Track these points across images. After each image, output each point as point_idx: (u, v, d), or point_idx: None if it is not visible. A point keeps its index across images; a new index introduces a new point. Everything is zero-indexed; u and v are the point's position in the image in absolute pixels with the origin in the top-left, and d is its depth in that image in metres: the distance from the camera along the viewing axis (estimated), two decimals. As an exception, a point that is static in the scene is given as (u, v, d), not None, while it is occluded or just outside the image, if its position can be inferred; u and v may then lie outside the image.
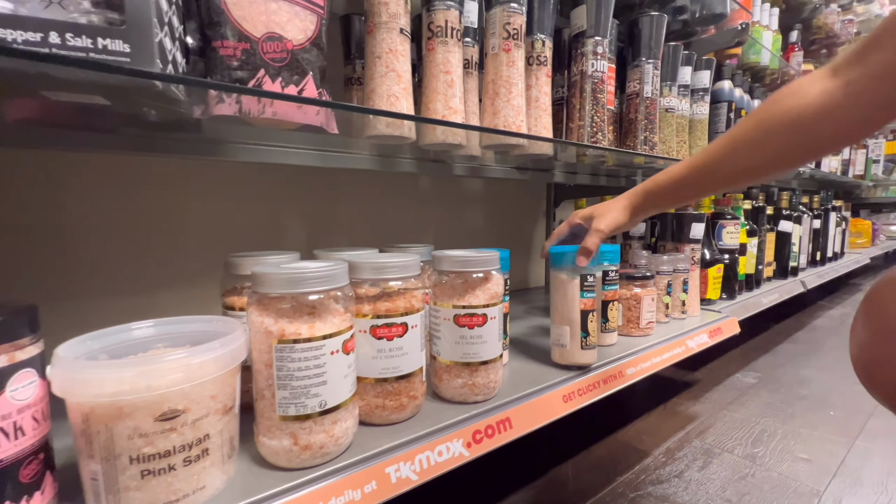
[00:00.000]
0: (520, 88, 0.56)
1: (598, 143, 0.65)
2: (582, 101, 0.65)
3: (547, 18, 0.62)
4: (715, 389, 1.04)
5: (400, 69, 0.49)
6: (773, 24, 1.25)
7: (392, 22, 0.48)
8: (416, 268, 0.50)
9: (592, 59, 0.64)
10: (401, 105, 0.49)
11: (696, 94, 0.94)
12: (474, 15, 0.65)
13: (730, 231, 1.16)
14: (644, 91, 0.74)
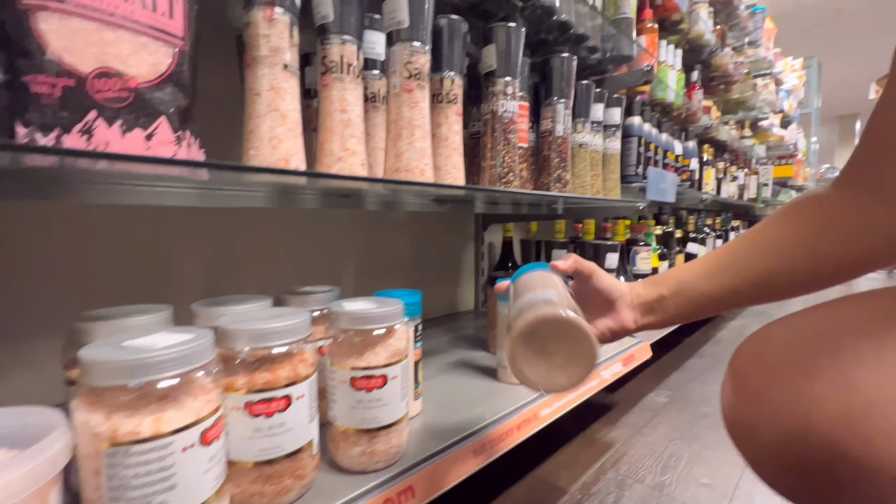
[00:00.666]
0: (424, 130, 0.53)
1: (510, 183, 0.64)
2: (493, 141, 0.64)
3: (456, 56, 0.60)
4: (631, 412, 1.08)
5: (284, 108, 0.44)
6: (677, 63, 1.36)
7: (274, 57, 0.43)
8: (305, 328, 0.45)
9: (503, 99, 0.63)
10: (284, 148, 0.44)
11: (609, 130, 0.97)
12: (381, 47, 0.61)
13: (643, 257, 1.23)
14: (556, 130, 0.75)
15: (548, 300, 0.35)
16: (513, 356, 0.34)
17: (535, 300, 0.36)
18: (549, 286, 0.39)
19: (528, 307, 0.35)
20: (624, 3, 0.95)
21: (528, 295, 0.38)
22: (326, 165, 0.50)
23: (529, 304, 0.35)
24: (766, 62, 2.40)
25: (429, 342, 1.01)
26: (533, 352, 0.33)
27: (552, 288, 0.38)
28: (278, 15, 0.43)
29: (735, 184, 2.11)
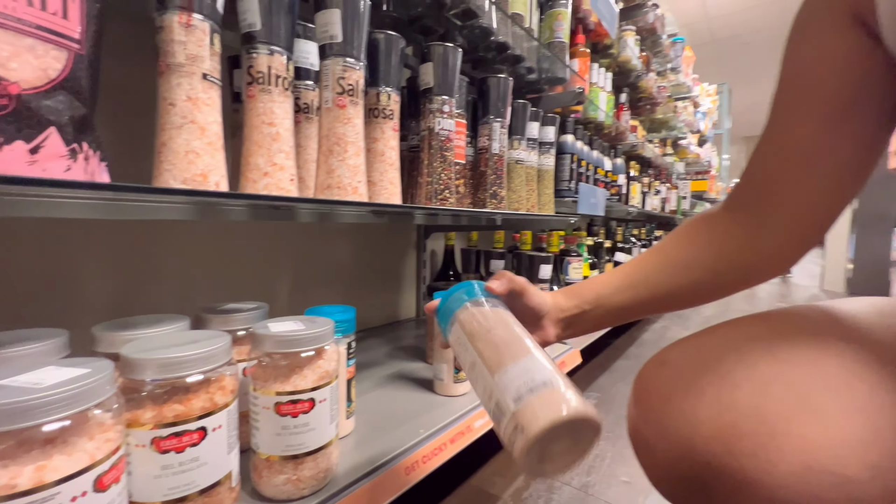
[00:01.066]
0: (358, 146, 0.53)
1: (446, 200, 0.65)
2: (430, 158, 0.65)
3: (393, 71, 0.60)
4: (562, 415, 1.13)
5: (203, 121, 0.41)
6: (607, 85, 1.45)
7: (192, 65, 0.40)
8: (224, 354, 0.42)
9: (440, 116, 0.64)
10: (202, 163, 0.41)
11: (544, 147, 1.02)
12: (315, 57, 0.60)
13: (575, 266, 1.30)
14: (492, 147, 0.77)
15: (548, 383, 0.30)
16: (524, 457, 0.29)
17: (533, 384, 0.30)
18: (520, 345, 0.34)
19: (527, 393, 0.29)
20: (558, 28, 1.00)
21: (509, 365, 0.32)
22: (252, 180, 0.47)
23: (529, 390, 0.29)
24: (685, 87, 2.64)
25: (366, 354, 0.99)
26: (541, 446, 0.29)
27: (533, 352, 0.33)
28: (197, 21, 0.41)
29: (658, 197, 2.30)
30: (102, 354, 0.45)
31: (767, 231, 0.38)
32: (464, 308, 0.39)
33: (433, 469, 0.60)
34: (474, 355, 0.34)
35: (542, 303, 0.43)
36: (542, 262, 1.05)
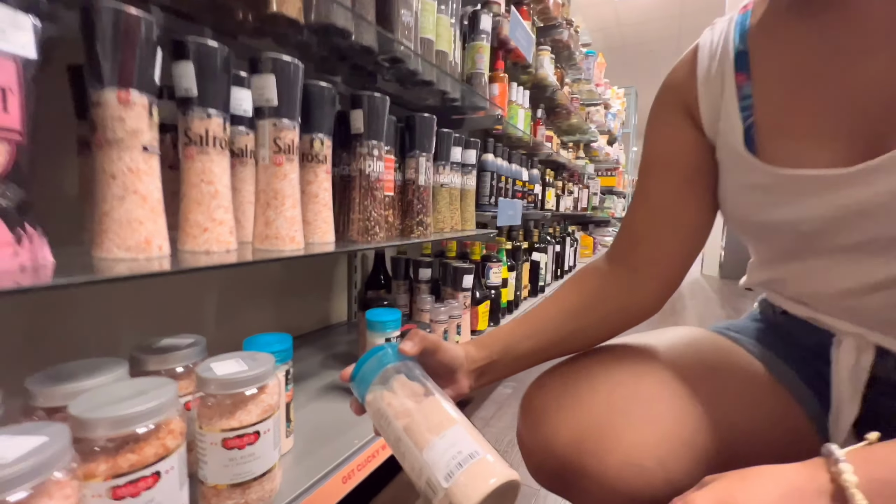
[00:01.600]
0: (294, 199, 0.57)
1: (375, 235, 0.71)
2: (361, 196, 0.71)
3: (325, 119, 0.65)
4: (482, 406, 1.28)
5: (144, 190, 0.44)
6: (525, 102, 1.58)
7: (131, 139, 0.43)
8: (173, 402, 0.46)
9: (369, 159, 0.70)
10: (145, 230, 0.44)
11: (466, 168, 1.12)
12: (248, 103, 0.62)
13: (495, 271, 1.43)
14: (419, 180, 0.85)
15: (474, 454, 0.32)
16: None
17: (461, 457, 0.31)
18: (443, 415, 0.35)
19: (456, 468, 0.31)
20: (479, 60, 1.09)
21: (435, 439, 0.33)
22: (192, 236, 0.51)
23: (458, 465, 0.31)
24: (596, 94, 2.90)
25: (300, 364, 1.04)
26: None
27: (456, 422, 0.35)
28: (135, 96, 0.43)
29: (571, 197, 2.55)
30: (41, 409, 0.47)
31: (640, 279, 0.50)
32: (381, 377, 0.39)
33: (367, 474, 0.69)
34: (398, 431, 0.35)
35: (454, 356, 0.45)
36: (464, 273, 1.16)
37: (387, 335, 0.84)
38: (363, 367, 0.41)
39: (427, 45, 0.88)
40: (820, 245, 0.39)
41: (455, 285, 1.19)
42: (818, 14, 0.38)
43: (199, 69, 0.49)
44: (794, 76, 0.39)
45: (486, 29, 1.09)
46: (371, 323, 0.84)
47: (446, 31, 0.95)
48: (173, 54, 0.48)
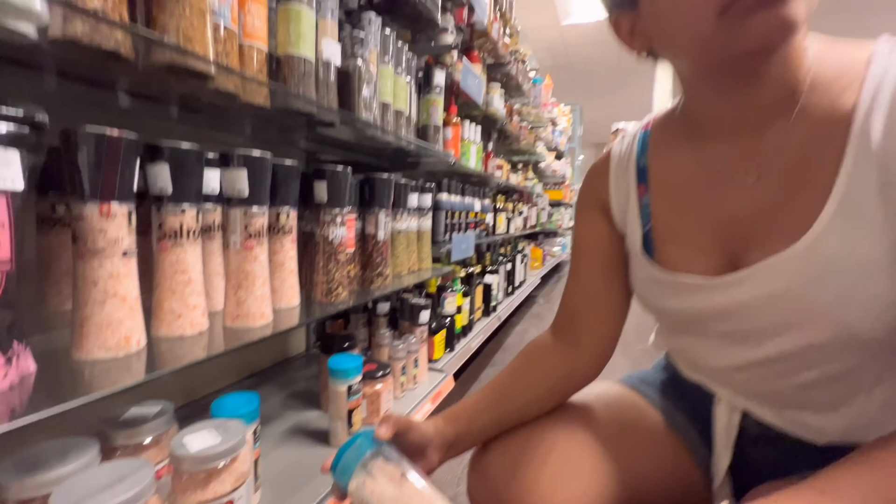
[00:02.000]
0: (264, 278, 0.62)
1: (338, 296, 0.77)
2: (325, 261, 0.76)
3: (290, 194, 0.69)
4: (439, 432, 1.35)
5: (123, 291, 0.47)
6: (477, 138, 1.68)
7: (112, 248, 0.46)
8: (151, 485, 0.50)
9: (333, 226, 0.75)
10: (125, 329, 0.47)
11: (422, 211, 1.19)
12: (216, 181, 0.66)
13: (450, 301, 1.51)
14: (378, 235, 0.91)
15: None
16: None
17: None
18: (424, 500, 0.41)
19: None
20: (433, 113, 1.17)
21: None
22: (166, 323, 0.54)
23: None
24: (542, 118, 3.08)
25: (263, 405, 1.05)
26: None
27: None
28: (116, 208, 0.46)
29: (521, 217, 2.69)
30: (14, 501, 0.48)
31: (580, 352, 0.58)
32: (360, 467, 0.43)
33: (333, 521, 0.74)
34: None
35: (425, 434, 0.49)
36: (421, 309, 1.23)
37: (349, 383, 0.89)
38: (342, 458, 0.44)
39: (385, 108, 0.94)
40: (702, 330, 0.50)
41: (412, 320, 1.25)
42: (697, 146, 0.48)
43: (175, 170, 0.52)
44: (680, 195, 0.50)
45: (439, 83, 1.17)
46: (333, 371, 0.88)
47: (403, 91, 1.02)
48: (148, 157, 0.52)
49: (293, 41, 0.66)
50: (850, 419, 0.43)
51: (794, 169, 0.40)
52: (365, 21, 0.83)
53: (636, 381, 0.66)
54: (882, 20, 3.81)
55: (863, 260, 0.36)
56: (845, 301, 0.37)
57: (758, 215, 0.42)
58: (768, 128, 0.41)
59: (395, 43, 0.96)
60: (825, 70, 0.39)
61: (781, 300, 0.40)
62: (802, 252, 0.38)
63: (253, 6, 0.62)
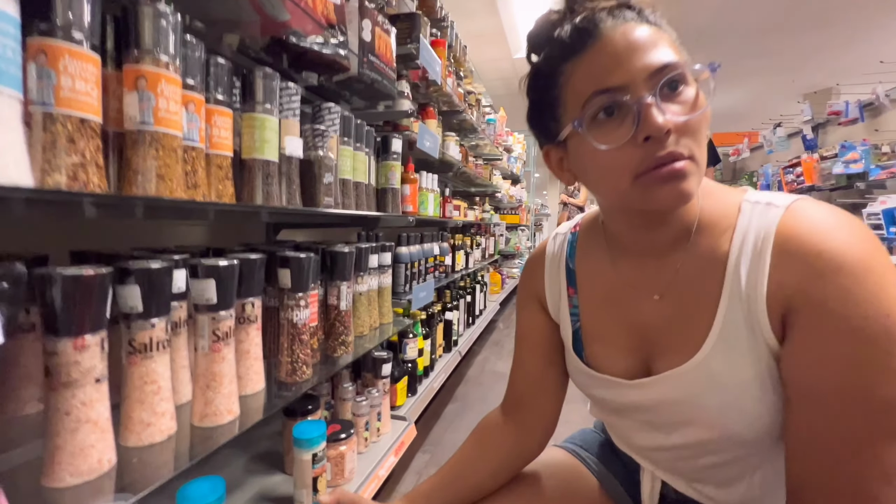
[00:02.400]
0: (231, 376, 0.65)
1: (303, 374, 0.81)
2: (289, 342, 0.80)
3: (255, 285, 0.73)
4: (403, 480, 1.39)
5: (96, 416, 0.50)
6: (434, 186, 1.76)
7: (85, 377, 0.49)
8: None
9: (297, 310, 0.79)
10: (97, 452, 0.50)
11: (382, 269, 1.24)
12: (182, 281, 0.69)
13: (411, 346, 1.57)
14: (340, 306, 0.96)
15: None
16: None
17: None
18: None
19: None
20: (392, 177, 1.23)
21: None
22: (135, 433, 0.56)
23: None
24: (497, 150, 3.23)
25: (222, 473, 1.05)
26: None
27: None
28: (90, 340, 0.49)
29: (479, 249, 2.80)
30: None
31: (526, 432, 0.65)
32: None
33: None
34: None
35: None
36: (383, 363, 1.28)
37: (314, 451, 0.92)
38: None
39: (345, 183, 1.00)
40: (625, 415, 0.59)
41: (375, 373, 1.29)
42: (616, 257, 0.57)
43: (145, 290, 0.55)
44: (602, 301, 0.58)
45: (396, 150, 1.24)
46: (298, 441, 0.91)
47: (362, 164, 1.08)
48: (117, 278, 0.55)
49: (257, 147, 0.71)
50: (741, 494, 0.53)
51: (687, 295, 0.48)
52: (325, 111, 0.89)
53: (576, 445, 0.74)
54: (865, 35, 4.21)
55: (738, 379, 0.44)
56: (726, 410, 0.46)
57: (663, 327, 0.51)
58: (668, 257, 0.50)
59: (353, 123, 1.02)
60: (708, 213, 0.48)
61: (680, 404, 0.50)
62: (694, 368, 0.47)
63: (219, 119, 0.67)
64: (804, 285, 0.39)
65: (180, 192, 0.56)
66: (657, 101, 0.40)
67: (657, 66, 0.40)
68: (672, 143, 0.40)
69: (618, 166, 0.43)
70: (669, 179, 0.41)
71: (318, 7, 0.84)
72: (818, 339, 0.38)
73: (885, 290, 0.36)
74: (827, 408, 0.38)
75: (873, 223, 2.18)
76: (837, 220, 0.40)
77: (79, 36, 0.46)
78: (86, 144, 0.47)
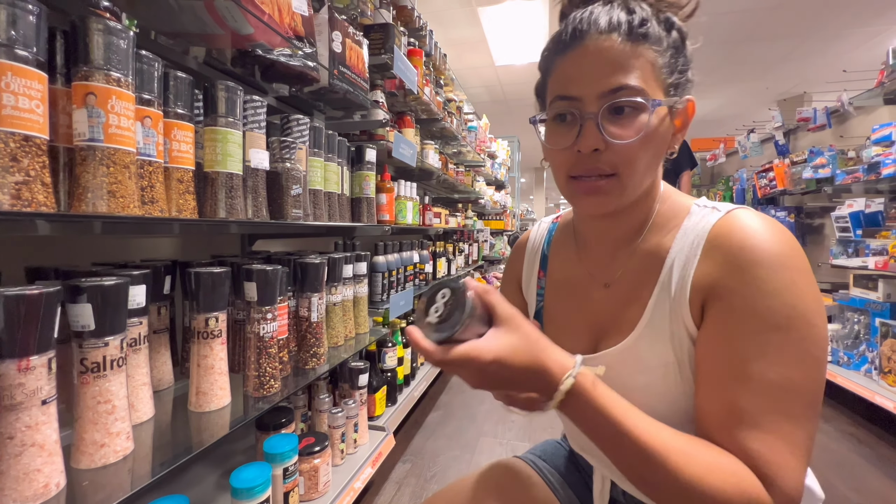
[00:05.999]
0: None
1: (271, 388, 0.80)
2: (256, 356, 0.79)
3: (218, 300, 0.72)
4: (383, 491, 1.37)
5: (42, 439, 0.48)
6: (412, 193, 1.76)
7: (30, 399, 0.47)
8: None
9: (263, 323, 0.79)
10: (43, 476, 0.48)
11: (358, 279, 1.24)
12: (143, 296, 0.68)
13: (390, 355, 1.56)
14: (311, 317, 0.95)
15: None
16: None
17: None
18: None
19: None
20: (366, 187, 1.23)
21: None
22: (88, 454, 0.55)
23: None
24: (480, 158, 3.25)
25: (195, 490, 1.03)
26: None
27: None
28: (35, 361, 0.48)
29: (462, 255, 2.80)
30: None
31: None
32: None
33: None
34: None
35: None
36: (359, 374, 1.27)
37: (284, 465, 0.91)
38: None
39: (316, 194, 1.00)
40: None
41: (351, 383, 1.28)
42: (580, 249, 0.59)
43: (98, 307, 0.54)
44: (563, 287, 0.60)
45: (370, 160, 1.24)
46: (268, 455, 0.90)
47: (334, 175, 1.08)
48: (69, 297, 0.53)
49: (220, 160, 0.71)
50: None
51: (629, 285, 0.52)
52: (293, 122, 0.89)
53: (535, 456, 0.74)
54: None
55: (660, 362, 0.47)
56: (650, 390, 0.48)
57: (608, 314, 0.54)
58: (620, 251, 0.54)
59: (324, 134, 1.02)
60: (662, 215, 0.52)
61: (612, 382, 0.51)
62: (624, 350, 0.50)
63: (179, 133, 0.66)
64: (724, 275, 0.43)
65: (134, 209, 0.55)
66: (598, 121, 0.44)
67: (610, 87, 0.44)
68: (598, 160, 0.45)
69: (559, 165, 0.48)
70: (588, 193, 0.47)
71: (284, 19, 0.84)
72: (727, 322, 0.42)
73: (796, 286, 0.40)
74: (726, 384, 0.41)
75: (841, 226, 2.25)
76: (765, 224, 0.44)
77: (23, 52, 0.45)
78: (30, 162, 0.46)
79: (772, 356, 0.40)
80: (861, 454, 1.63)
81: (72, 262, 0.79)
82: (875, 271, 1.91)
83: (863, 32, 3.81)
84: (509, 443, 1.68)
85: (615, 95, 0.43)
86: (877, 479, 1.46)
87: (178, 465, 0.60)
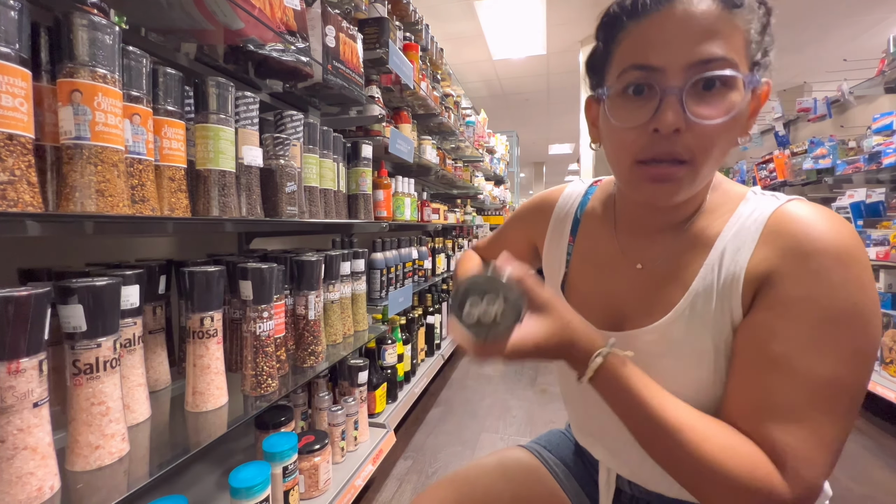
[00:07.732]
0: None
1: (268, 387, 0.79)
2: (252, 355, 0.78)
3: (213, 299, 0.72)
4: (383, 489, 1.37)
5: (35, 442, 0.48)
6: (410, 190, 1.75)
7: (21, 402, 0.47)
8: None
9: (259, 322, 0.78)
10: (37, 480, 0.48)
11: (356, 276, 1.23)
12: (136, 297, 0.67)
13: (390, 352, 1.55)
14: (308, 315, 0.94)
15: None
16: None
17: None
18: None
19: None
20: (363, 183, 1.22)
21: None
22: (83, 457, 0.54)
23: None
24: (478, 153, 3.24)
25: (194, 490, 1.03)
26: None
27: None
28: (26, 363, 0.47)
29: (461, 251, 2.80)
30: None
31: None
32: None
33: None
34: None
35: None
36: (359, 371, 1.26)
37: (284, 464, 0.90)
38: None
39: (312, 191, 0.99)
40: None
41: (351, 381, 1.28)
42: (617, 224, 0.57)
43: (89, 308, 0.54)
44: (588, 258, 0.59)
45: (367, 156, 1.23)
46: (267, 454, 0.89)
47: (330, 171, 1.07)
48: (59, 298, 0.53)
49: (212, 157, 0.70)
50: None
51: (668, 267, 0.50)
52: (287, 119, 0.88)
53: (540, 446, 0.73)
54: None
55: (695, 348, 0.45)
56: (678, 376, 0.46)
57: (636, 296, 0.52)
58: (661, 235, 0.51)
59: (319, 130, 1.01)
60: (715, 199, 0.50)
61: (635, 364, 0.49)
62: (654, 331, 0.48)
63: (170, 130, 0.65)
64: (784, 262, 0.40)
65: (124, 208, 0.54)
66: (682, 97, 0.39)
67: (699, 59, 0.38)
68: (676, 143, 0.40)
69: (625, 146, 0.43)
70: (658, 180, 0.42)
71: (275, 14, 0.83)
72: (780, 310, 0.39)
73: (860, 281, 0.38)
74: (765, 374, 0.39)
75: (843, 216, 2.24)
76: (830, 216, 0.41)
77: (5, 49, 0.44)
78: (15, 161, 0.45)
79: (824, 350, 0.37)
80: (862, 444, 1.62)
81: (66, 264, 0.78)
82: (876, 261, 1.90)
83: (863, 21, 3.78)
84: (510, 438, 1.68)
85: (706, 67, 0.38)
86: (878, 470, 1.46)
87: (176, 466, 0.59)
